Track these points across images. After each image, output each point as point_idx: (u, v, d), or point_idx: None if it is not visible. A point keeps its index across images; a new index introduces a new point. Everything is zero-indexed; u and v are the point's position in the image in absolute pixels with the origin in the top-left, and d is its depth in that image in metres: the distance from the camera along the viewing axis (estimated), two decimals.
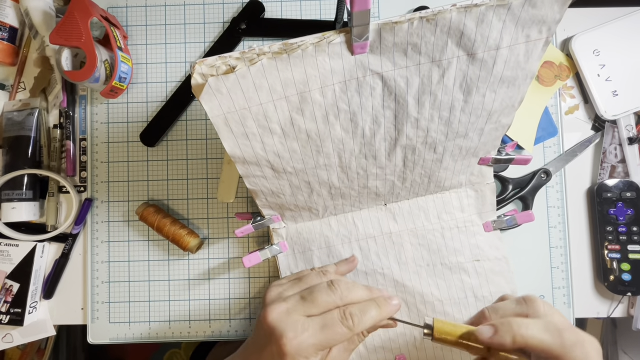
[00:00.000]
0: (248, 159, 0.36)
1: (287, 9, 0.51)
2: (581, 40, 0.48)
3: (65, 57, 0.46)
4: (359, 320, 0.31)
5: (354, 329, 0.31)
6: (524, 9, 0.30)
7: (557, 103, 0.49)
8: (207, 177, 0.50)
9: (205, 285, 0.50)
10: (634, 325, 0.48)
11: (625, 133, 0.48)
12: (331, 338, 0.30)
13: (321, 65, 0.32)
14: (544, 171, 0.48)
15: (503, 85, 0.34)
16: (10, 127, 0.49)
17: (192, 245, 0.48)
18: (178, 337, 0.50)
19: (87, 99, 0.51)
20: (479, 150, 0.41)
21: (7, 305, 0.48)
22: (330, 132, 0.36)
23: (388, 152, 0.39)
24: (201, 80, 0.31)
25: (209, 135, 0.51)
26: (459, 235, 0.46)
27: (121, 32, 0.50)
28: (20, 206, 0.48)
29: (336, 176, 0.40)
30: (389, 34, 0.30)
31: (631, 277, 0.46)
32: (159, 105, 0.51)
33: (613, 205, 0.47)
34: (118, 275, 0.50)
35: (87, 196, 0.50)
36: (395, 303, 0.33)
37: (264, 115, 0.33)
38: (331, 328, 0.30)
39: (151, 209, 0.48)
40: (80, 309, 0.51)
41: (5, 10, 0.49)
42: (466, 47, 0.32)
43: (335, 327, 0.30)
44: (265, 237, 0.50)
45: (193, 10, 0.51)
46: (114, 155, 0.51)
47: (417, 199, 0.46)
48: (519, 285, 0.47)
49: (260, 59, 0.30)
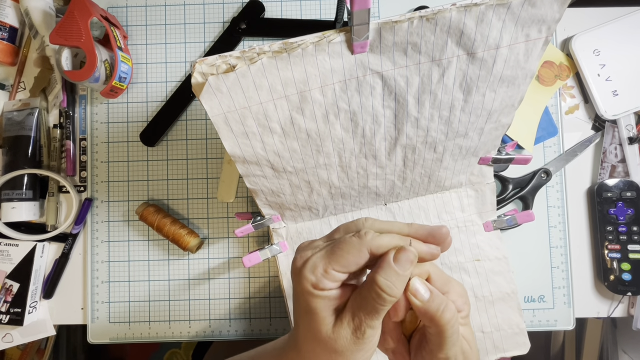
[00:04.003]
0: (248, 159, 0.36)
1: (287, 9, 0.51)
2: (581, 40, 0.48)
3: (65, 57, 0.46)
4: (373, 237, 0.26)
5: (365, 240, 0.26)
6: (523, 8, 0.30)
7: (557, 103, 0.49)
8: (207, 177, 0.50)
9: (205, 285, 0.50)
10: (634, 325, 0.48)
11: (625, 133, 0.48)
12: (341, 253, 0.26)
13: (321, 64, 0.32)
14: (544, 171, 0.48)
15: (503, 84, 0.34)
16: (10, 127, 0.49)
17: (192, 245, 0.48)
18: (178, 337, 0.50)
19: (87, 99, 0.51)
20: (479, 150, 0.41)
21: (7, 305, 0.48)
22: (331, 132, 0.36)
23: (388, 152, 0.39)
24: (201, 79, 0.31)
25: (209, 135, 0.51)
26: (459, 235, 0.46)
27: (121, 32, 0.50)
28: (20, 206, 0.48)
29: (336, 176, 0.40)
30: (389, 33, 0.30)
31: (631, 276, 0.46)
32: (159, 105, 0.51)
33: (613, 205, 0.47)
34: (118, 275, 0.50)
35: (87, 196, 0.50)
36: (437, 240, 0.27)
37: (264, 115, 0.33)
38: (340, 245, 0.27)
39: (151, 208, 0.48)
40: (80, 309, 0.51)
41: (5, 10, 0.49)
42: (466, 46, 0.32)
43: (344, 242, 0.27)
44: (265, 237, 0.50)
45: (193, 10, 0.51)
46: (114, 155, 0.51)
47: (417, 198, 0.46)
48: (519, 285, 0.47)
49: (260, 58, 0.30)
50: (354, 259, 0.26)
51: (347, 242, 0.27)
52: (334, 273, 0.26)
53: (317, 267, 0.26)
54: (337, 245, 0.27)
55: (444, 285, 0.29)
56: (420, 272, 0.28)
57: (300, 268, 0.27)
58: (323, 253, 0.27)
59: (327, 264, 0.26)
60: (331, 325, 0.27)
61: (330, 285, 0.27)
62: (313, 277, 0.26)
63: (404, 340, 0.30)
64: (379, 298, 0.26)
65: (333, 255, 0.26)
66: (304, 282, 0.27)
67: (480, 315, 0.45)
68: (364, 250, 0.26)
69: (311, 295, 0.27)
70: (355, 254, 0.26)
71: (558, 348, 0.93)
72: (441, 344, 0.27)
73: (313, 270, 0.26)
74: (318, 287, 0.26)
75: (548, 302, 0.48)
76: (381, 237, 0.26)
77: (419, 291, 0.27)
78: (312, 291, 0.27)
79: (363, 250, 0.26)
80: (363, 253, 0.26)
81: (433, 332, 0.27)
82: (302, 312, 0.28)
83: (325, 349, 0.27)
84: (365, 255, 0.26)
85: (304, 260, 0.27)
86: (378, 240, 0.26)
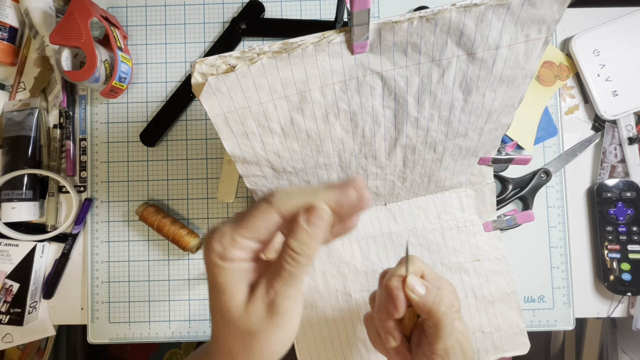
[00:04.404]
0: (248, 159, 0.36)
1: (287, 9, 0.51)
2: (581, 40, 0.48)
3: (65, 57, 0.46)
4: (281, 198, 0.24)
5: (273, 202, 0.24)
6: (523, 8, 0.30)
7: (557, 103, 0.49)
8: (207, 177, 0.50)
9: (205, 286, 0.50)
10: (634, 325, 0.48)
11: (625, 133, 0.48)
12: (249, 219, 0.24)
13: (321, 64, 0.32)
14: (544, 171, 0.48)
15: (503, 84, 0.34)
16: (10, 127, 0.49)
17: (192, 245, 0.48)
18: (178, 337, 0.50)
19: (87, 99, 0.51)
20: (479, 150, 0.41)
21: (7, 305, 0.48)
22: (330, 132, 0.36)
23: (388, 152, 0.39)
24: (201, 79, 0.31)
25: (209, 135, 0.51)
26: (459, 235, 0.46)
27: (121, 32, 0.50)
28: (20, 206, 0.48)
29: (336, 176, 0.40)
30: (388, 33, 0.30)
31: (631, 277, 0.46)
32: (159, 105, 0.51)
33: (613, 205, 0.47)
34: (118, 275, 0.50)
35: (87, 196, 0.50)
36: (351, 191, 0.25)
37: (264, 115, 0.33)
38: (249, 211, 0.25)
39: (151, 209, 0.48)
40: (80, 309, 0.51)
41: (5, 10, 0.49)
42: (466, 46, 0.32)
43: (252, 208, 0.25)
44: None
45: (193, 10, 0.51)
46: (114, 155, 0.51)
47: (417, 199, 0.46)
48: (519, 285, 0.47)
49: (260, 58, 0.30)
50: (263, 222, 0.24)
51: (255, 207, 0.25)
52: (242, 240, 0.24)
53: (224, 236, 0.24)
54: (245, 212, 0.25)
55: (436, 283, 0.32)
56: (415, 271, 0.31)
57: (208, 239, 0.24)
58: (231, 221, 0.25)
59: (234, 230, 0.24)
60: (242, 302, 0.24)
61: (239, 254, 0.24)
62: (219, 246, 0.24)
63: (405, 340, 0.32)
64: (293, 261, 0.24)
65: (241, 222, 0.24)
66: (210, 254, 0.24)
67: (480, 315, 0.45)
68: (273, 213, 0.24)
69: (217, 268, 0.24)
70: (263, 218, 0.24)
71: (558, 348, 0.93)
72: (439, 334, 0.29)
73: (220, 239, 0.24)
74: (226, 257, 0.24)
75: (548, 302, 0.48)
76: (290, 198, 0.24)
77: (416, 287, 0.29)
78: (218, 262, 0.24)
79: (271, 213, 0.24)
80: (272, 216, 0.24)
81: (431, 325, 0.30)
82: (211, 291, 0.25)
83: (238, 331, 0.24)
84: (275, 218, 0.24)
85: (212, 230, 0.25)
86: (287, 201, 0.24)
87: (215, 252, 0.24)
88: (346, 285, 0.46)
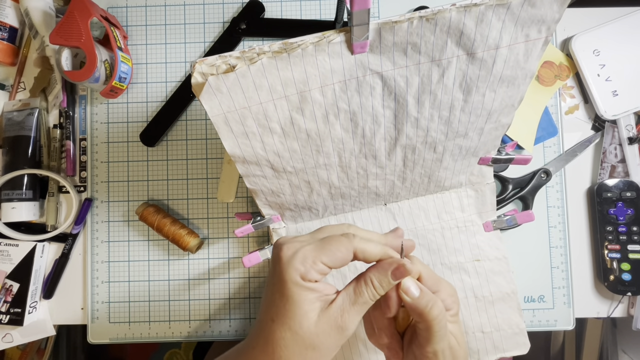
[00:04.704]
0: (248, 159, 0.36)
1: (287, 9, 0.51)
2: (581, 40, 0.48)
3: (65, 57, 0.46)
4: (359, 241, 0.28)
5: (354, 242, 0.28)
6: (523, 8, 0.30)
7: (557, 103, 0.49)
8: (207, 177, 0.50)
9: (205, 285, 0.50)
10: (634, 325, 0.48)
11: (625, 133, 0.48)
12: (331, 249, 0.28)
13: (321, 64, 0.32)
14: (544, 171, 0.48)
15: (503, 84, 0.34)
16: (10, 127, 0.49)
17: (192, 245, 0.48)
18: (178, 337, 0.50)
19: (87, 99, 0.51)
20: (479, 150, 0.41)
21: (7, 305, 0.48)
22: (330, 132, 0.36)
23: (388, 152, 0.39)
24: (201, 79, 0.31)
25: (209, 135, 0.51)
26: (459, 235, 0.46)
27: (121, 32, 0.50)
28: (20, 206, 0.48)
29: (336, 176, 0.40)
30: (388, 33, 0.30)
31: (631, 277, 0.46)
32: (159, 105, 0.51)
33: (613, 205, 0.47)
34: (118, 275, 0.50)
35: (87, 196, 0.50)
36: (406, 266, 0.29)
37: (264, 115, 0.33)
38: (330, 241, 0.28)
39: (151, 209, 0.48)
40: (80, 309, 0.51)
41: (5, 10, 0.49)
42: (466, 46, 0.32)
43: (335, 239, 0.28)
44: (265, 237, 0.50)
45: (193, 10, 0.51)
46: (114, 155, 0.51)
47: (417, 198, 0.46)
48: (519, 285, 0.47)
49: (260, 58, 0.30)
50: (342, 255, 0.28)
51: (337, 240, 0.28)
52: (322, 266, 0.27)
53: (307, 258, 0.27)
54: (327, 241, 0.28)
55: (434, 285, 0.31)
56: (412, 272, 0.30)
57: (290, 258, 0.28)
58: (313, 246, 0.28)
59: (317, 256, 0.27)
60: (313, 320, 0.27)
61: (317, 277, 0.28)
62: (302, 267, 0.27)
63: (397, 337, 0.32)
64: (372, 295, 0.28)
65: (323, 249, 0.28)
66: (292, 271, 0.27)
67: (480, 315, 0.45)
68: (351, 250, 0.28)
69: (298, 286, 0.27)
70: (343, 252, 0.28)
71: (558, 348, 0.93)
72: (429, 338, 0.29)
73: (303, 261, 0.27)
74: (306, 278, 0.27)
75: (548, 302, 0.48)
76: (367, 243, 0.29)
77: (410, 289, 0.29)
78: (299, 282, 0.27)
79: (350, 250, 0.28)
80: (349, 252, 0.28)
81: (422, 327, 0.29)
82: (283, 303, 0.28)
83: (302, 343, 0.27)
84: (350, 255, 0.28)
85: (294, 251, 0.28)
86: (363, 245, 0.29)
87: (298, 271, 0.27)
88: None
